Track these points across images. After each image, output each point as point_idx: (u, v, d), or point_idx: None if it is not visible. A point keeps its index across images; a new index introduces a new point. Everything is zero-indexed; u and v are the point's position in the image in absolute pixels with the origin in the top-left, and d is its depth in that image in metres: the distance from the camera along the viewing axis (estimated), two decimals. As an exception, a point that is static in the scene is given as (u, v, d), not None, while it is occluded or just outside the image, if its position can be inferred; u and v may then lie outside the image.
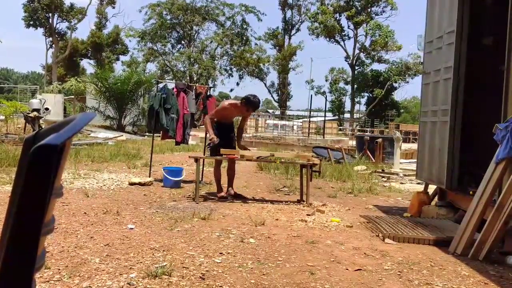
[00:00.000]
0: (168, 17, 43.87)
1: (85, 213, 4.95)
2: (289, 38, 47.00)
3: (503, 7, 4.64)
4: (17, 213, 0.60)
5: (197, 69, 42.63)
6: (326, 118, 31.95)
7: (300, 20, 46.51)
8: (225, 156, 6.20)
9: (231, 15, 44.91)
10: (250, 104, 6.36)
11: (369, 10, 42.63)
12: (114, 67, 42.02)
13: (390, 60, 43.67)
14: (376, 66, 45.84)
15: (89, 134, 18.47)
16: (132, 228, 4.38)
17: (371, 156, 13.47)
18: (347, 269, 3.48)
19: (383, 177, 10.24)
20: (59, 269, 3.12)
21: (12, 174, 6.64)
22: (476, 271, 3.60)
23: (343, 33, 44.07)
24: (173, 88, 8.10)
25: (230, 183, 6.60)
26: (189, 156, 6.93)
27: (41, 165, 0.60)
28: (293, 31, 46.92)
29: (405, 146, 19.65)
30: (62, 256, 3.42)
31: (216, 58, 45.31)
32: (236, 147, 6.61)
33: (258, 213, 5.47)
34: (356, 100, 46.62)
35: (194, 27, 44.80)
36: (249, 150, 6.91)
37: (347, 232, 4.77)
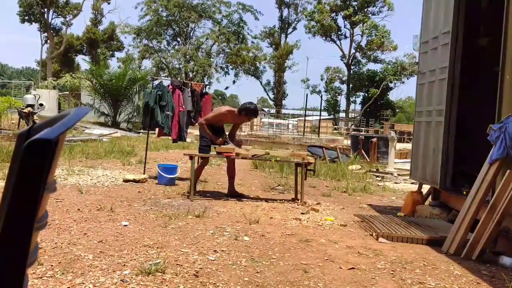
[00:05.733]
0: (164, 14, 43.71)
1: (78, 209, 4.93)
2: (286, 37, 47.03)
3: (499, 8, 4.66)
4: (10, 207, 0.60)
5: (192, 67, 42.54)
6: (321, 117, 32.02)
7: (297, 18, 46.56)
8: (223, 154, 6.24)
9: (227, 13, 44.88)
10: (250, 113, 6.43)
11: (366, 10, 42.69)
12: (109, 64, 41.89)
13: (385, 60, 43.90)
14: (371, 66, 46.09)
15: (84, 130, 18.40)
16: (126, 225, 4.37)
17: (365, 156, 13.50)
18: (340, 268, 3.49)
19: (377, 176, 10.28)
20: (52, 265, 3.10)
21: (5, 170, 6.60)
22: (468, 271, 3.62)
23: (339, 32, 44.16)
24: (168, 85, 8.08)
25: (231, 182, 6.60)
26: (184, 154, 6.92)
27: (34, 160, 0.60)
28: (290, 30, 46.97)
29: (399, 146, 19.72)
30: (55, 252, 3.40)
31: (212, 56, 45.26)
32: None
33: (253, 211, 5.47)
34: (351, 99, 46.72)
35: (190, 24, 44.68)
36: (243, 146, 6.95)
37: (341, 231, 4.79)
